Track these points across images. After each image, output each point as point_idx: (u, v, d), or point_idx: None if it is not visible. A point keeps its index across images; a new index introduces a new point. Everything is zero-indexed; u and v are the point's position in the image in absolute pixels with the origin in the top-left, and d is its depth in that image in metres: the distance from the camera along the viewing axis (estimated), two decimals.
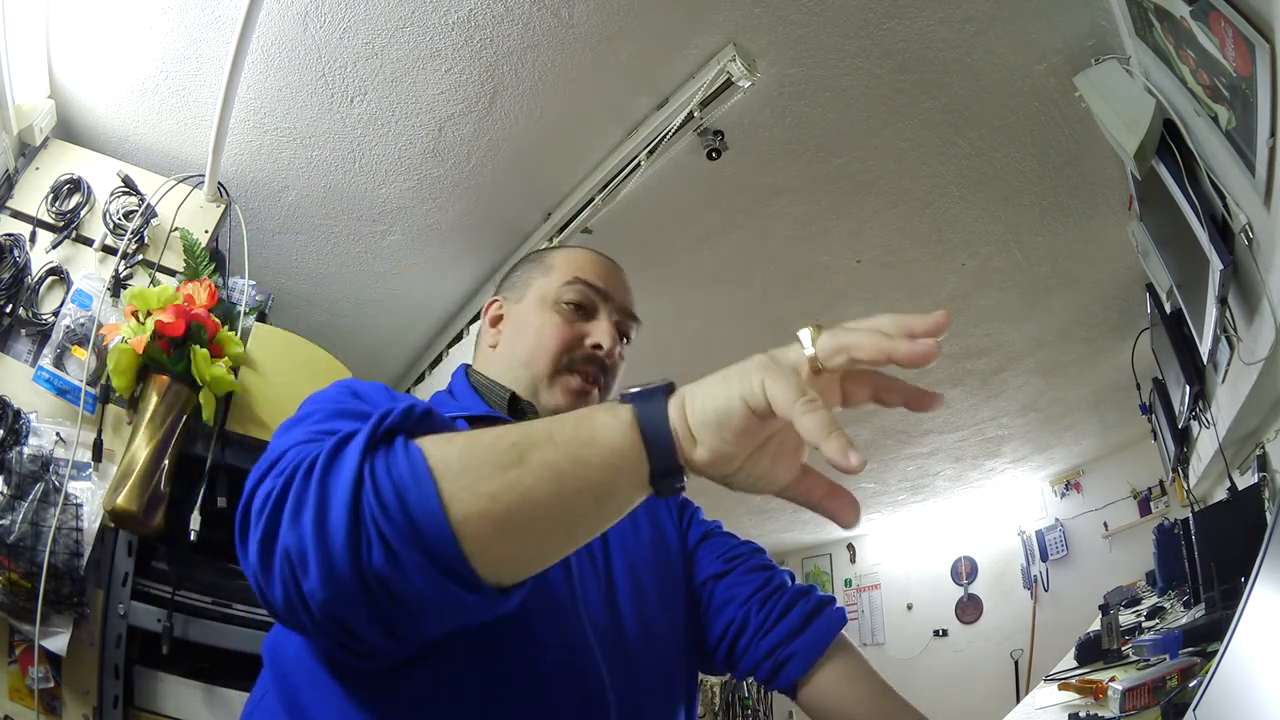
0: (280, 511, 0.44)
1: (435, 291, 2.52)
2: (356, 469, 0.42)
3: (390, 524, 0.41)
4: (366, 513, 0.41)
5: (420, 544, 0.41)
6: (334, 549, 0.41)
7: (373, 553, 0.41)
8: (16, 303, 1.54)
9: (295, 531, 0.42)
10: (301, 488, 0.44)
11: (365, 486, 0.42)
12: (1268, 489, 1.60)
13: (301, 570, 0.42)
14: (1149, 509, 3.72)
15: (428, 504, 0.41)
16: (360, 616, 0.43)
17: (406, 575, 0.41)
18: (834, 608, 0.75)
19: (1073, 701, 1.56)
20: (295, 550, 0.42)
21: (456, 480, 0.42)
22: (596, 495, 0.44)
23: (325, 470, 0.44)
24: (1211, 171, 1.32)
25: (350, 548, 0.41)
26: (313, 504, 0.42)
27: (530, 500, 0.42)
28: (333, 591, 0.41)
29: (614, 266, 0.88)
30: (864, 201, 2.18)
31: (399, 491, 0.41)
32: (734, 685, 5.43)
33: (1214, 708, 0.96)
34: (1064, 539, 4.24)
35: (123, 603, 1.45)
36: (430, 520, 0.41)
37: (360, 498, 0.42)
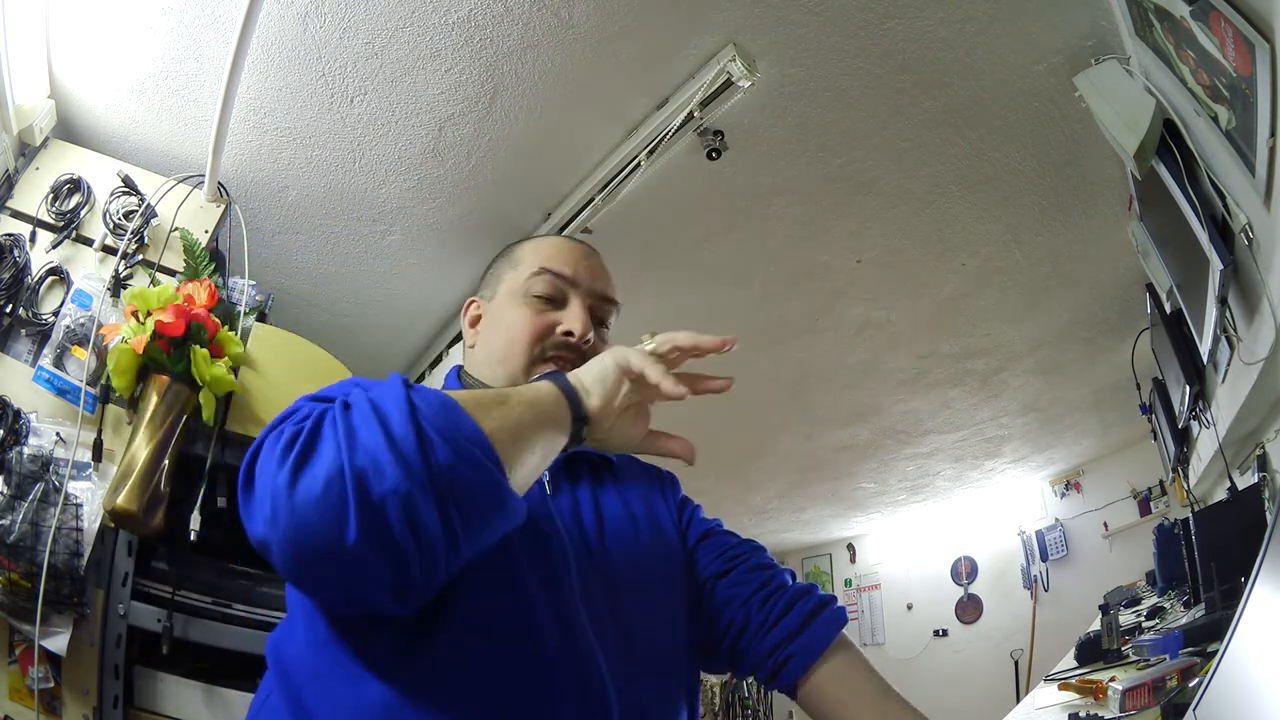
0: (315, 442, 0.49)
1: (435, 291, 2.52)
2: (405, 394, 0.52)
3: (447, 428, 0.51)
4: (425, 423, 0.50)
5: (471, 441, 0.52)
6: (408, 451, 0.49)
7: (438, 451, 0.49)
8: (16, 303, 1.54)
9: (359, 449, 0.48)
10: (345, 420, 0.50)
11: (419, 406, 0.51)
12: (1268, 489, 1.60)
13: (376, 477, 0.47)
14: (1149, 509, 3.72)
15: (464, 419, 0.53)
16: (433, 514, 0.49)
17: (465, 467, 0.50)
18: (834, 607, 0.75)
19: (1073, 701, 1.56)
20: (367, 462, 0.48)
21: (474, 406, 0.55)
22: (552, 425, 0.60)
23: (372, 402, 0.52)
24: (1211, 171, 1.32)
25: (421, 449, 0.49)
26: (374, 424, 0.49)
27: (521, 420, 0.57)
28: (413, 486, 0.48)
29: (585, 252, 0.86)
30: (864, 201, 2.18)
31: (444, 408, 0.53)
32: (734, 685, 5.44)
33: (1214, 708, 0.96)
34: (1064, 539, 4.24)
35: (123, 603, 1.45)
36: (470, 428, 0.53)
37: (416, 413, 0.51)
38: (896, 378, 3.24)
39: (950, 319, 2.79)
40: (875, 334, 2.88)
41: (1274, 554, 0.91)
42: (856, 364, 3.11)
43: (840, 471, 4.36)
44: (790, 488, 4.65)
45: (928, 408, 3.53)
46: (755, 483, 4.52)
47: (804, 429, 3.76)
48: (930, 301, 2.68)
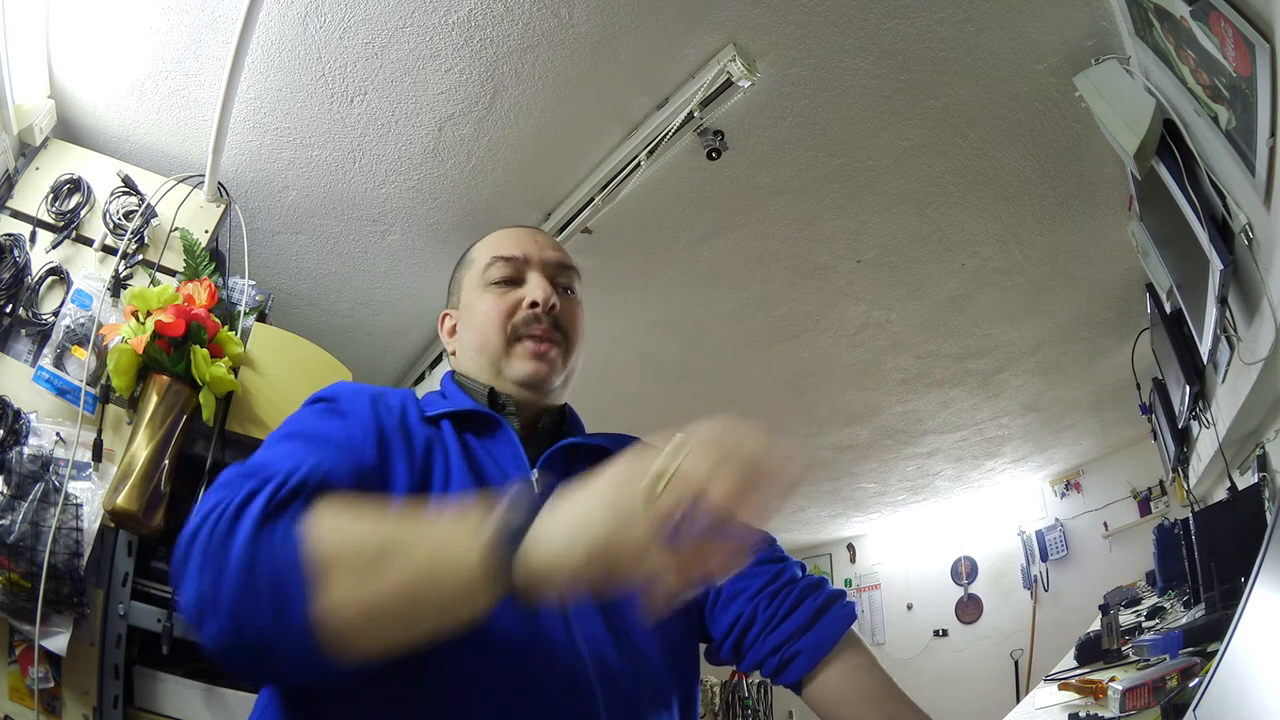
0: (188, 558, 0.51)
1: (436, 292, 2.52)
2: (249, 543, 0.50)
3: (263, 604, 0.48)
4: (248, 589, 0.48)
5: (286, 626, 0.48)
6: (221, 613, 0.49)
7: (247, 624, 0.49)
8: (16, 303, 1.54)
9: (197, 586, 0.50)
10: (206, 543, 0.51)
11: (252, 565, 0.49)
12: (1268, 489, 1.60)
13: (199, 621, 0.50)
14: (1149, 509, 3.72)
15: (295, 592, 0.48)
16: (245, 665, 0.52)
17: (275, 642, 0.49)
18: (843, 603, 0.75)
19: (1073, 701, 1.56)
20: (195, 603, 0.50)
21: (328, 564, 0.49)
22: (444, 604, 0.50)
23: (226, 535, 0.50)
24: (1211, 171, 1.32)
25: (233, 616, 0.49)
26: (213, 567, 0.50)
27: (383, 597, 0.48)
28: (217, 645, 0.50)
29: (530, 231, 0.89)
30: (864, 201, 2.18)
31: (277, 574, 0.48)
32: (734, 685, 5.44)
33: (1214, 708, 0.96)
34: (1064, 539, 4.24)
35: (123, 603, 1.45)
36: (294, 612, 0.48)
37: (247, 573, 0.49)
38: (896, 378, 3.24)
39: (950, 319, 2.79)
40: (875, 334, 2.88)
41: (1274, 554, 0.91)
42: (856, 364, 3.11)
43: (840, 471, 4.36)
44: None
45: (928, 408, 3.53)
46: None
47: (804, 429, 3.76)
48: (930, 301, 2.68)
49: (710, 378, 3.20)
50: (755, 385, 3.27)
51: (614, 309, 2.60)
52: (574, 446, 0.80)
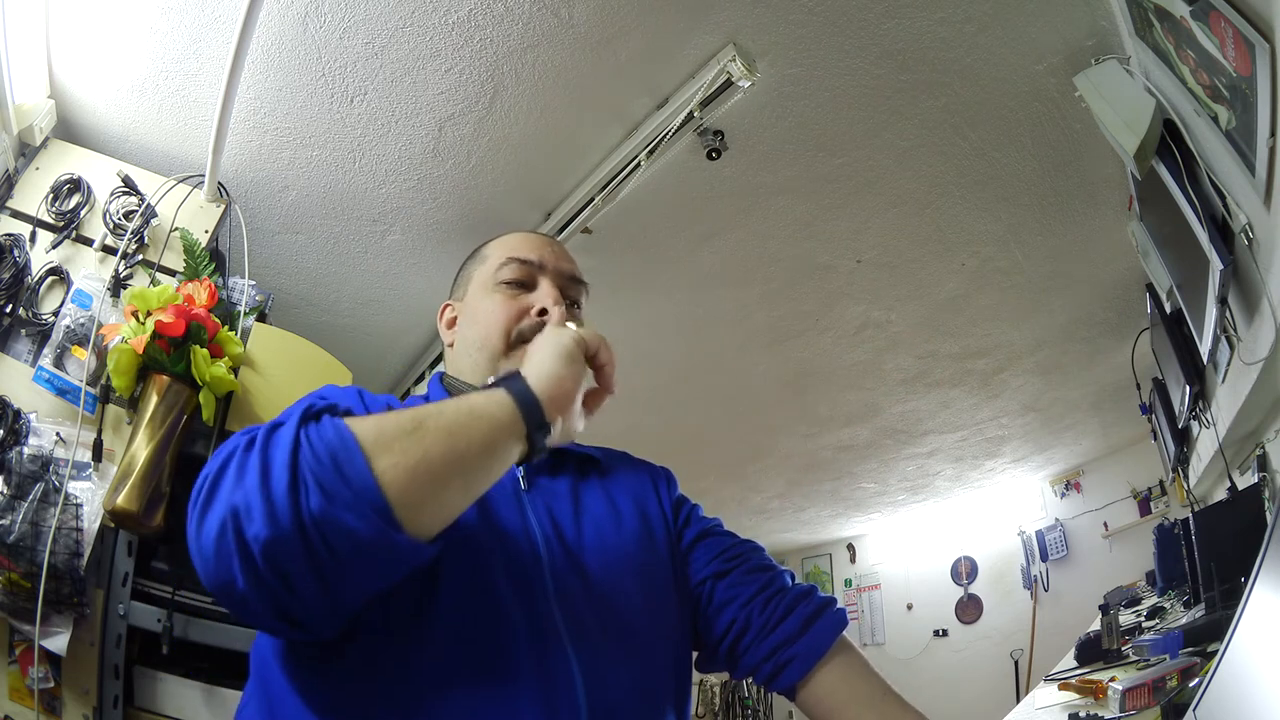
0: (218, 483, 0.51)
1: (435, 291, 2.52)
2: (294, 435, 0.51)
3: (324, 473, 0.49)
4: (304, 466, 0.49)
5: (350, 487, 0.49)
6: (276, 496, 0.48)
7: (310, 497, 0.48)
8: (16, 303, 1.54)
9: (240, 489, 0.49)
10: (242, 458, 0.51)
11: (302, 448, 0.50)
12: (1268, 489, 1.60)
13: (246, 519, 0.48)
14: (1149, 509, 3.72)
15: (354, 457, 0.50)
16: (299, 560, 0.48)
17: (340, 514, 0.48)
18: (834, 610, 0.75)
19: (1073, 701, 1.56)
20: (242, 505, 0.48)
21: (374, 441, 0.51)
22: (483, 450, 0.56)
23: (266, 441, 0.52)
24: (1211, 171, 1.33)
25: (291, 494, 0.48)
26: (256, 466, 0.50)
27: (430, 454, 0.52)
28: (275, 532, 0.47)
29: (547, 239, 0.89)
30: (864, 201, 2.18)
31: (330, 449, 0.50)
32: (734, 685, 5.44)
33: (1214, 708, 0.96)
34: (1064, 539, 4.24)
35: (123, 603, 1.45)
36: (356, 469, 0.50)
37: (298, 456, 0.50)
38: (896, 378, 3.24)
39: (950, 319, 2.79)
40: (875, 334, 2.89)
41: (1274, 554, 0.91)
42: (856, 364, 3.11)
43: (840, 471, 4.36)
44: (790, 488, 4.65)
45: (928, 408, 3.53)
46: (755, 483, 4.52)
47: (804, 429, 3.76)
48: (930, 301, 2.68)
49: (710, 378, 3.21)
50: (755, 385, 3.27)
51: (614, 309, 2.60)
52: (560, 452, 0.80)
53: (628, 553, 0.74)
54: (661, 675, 0.71)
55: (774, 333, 2.86)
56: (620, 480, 0.83)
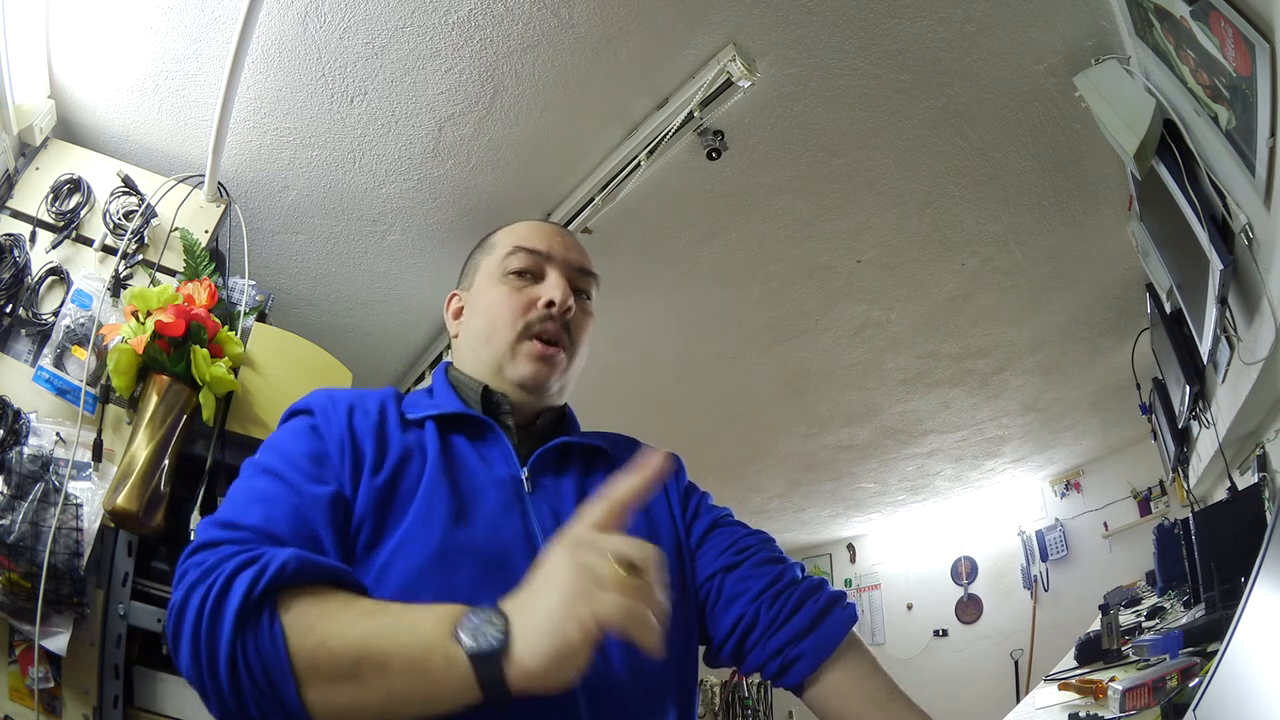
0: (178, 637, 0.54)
1: (435, 291, 2.52)
2: (231, 640, 0.52)
3: (259, 691, 0.52)
4: (243, 678, 0.52)
5: (281, 707, 0.52)
6: (224, 698, 0.53)
7: (249, 707, 0.52)
8: (16, 303, 1.54)
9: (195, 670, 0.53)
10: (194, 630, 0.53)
11: (238, 662, 0.52)
12: (1268, 489, 1.60)
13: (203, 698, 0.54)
14: (1149, 509, 3.72)
15: (285, 683, 0.52)
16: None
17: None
18: (844, 606, 0.74)
19: (1073, 701, 1.56)
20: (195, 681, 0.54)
21: (307, 670, 0.52)
22: (424, 709, 0.52)
23: (211, 629, 0.53)
24: (1211, 171, 1.32)
25: (235, 698, 0.52)
26: (204, 656, 0.53)
27: (359, 706, 0.52)
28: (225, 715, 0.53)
29: (556, 228, 0.87)
30: (864, 201, 2.18)
31: (266, 668, 0.52)
32: (734, 685, 5.44)
33: (1214, 708, 0.96)
34: (1064, 539, 4.24)
35: (123, 603, 1.45)
36: (287, 695, 0.52)
37: (236, 668, 0.52)
38: (896, 378, 3.24)
39: (950, 319, 2.79)
40: (875, 334, 2.89)
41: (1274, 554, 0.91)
42: (856, 364, 3.11)
43: (840, 471, 4.36)
44: (790, 488, 4.65)
45: (928, 408, 3.53)
46: (755, 483, 4.52)
47: (804, 429, 3.76)
48: (930, 301, 2.68)
49: (710, 378, 3.20)
50: (755, 385, 3.27)
51: (614, 309, 2.60)
52: (567, 445, 0.79)
53: None
54: (664, 675, 0.71)
55: (774, 333, 2.86)
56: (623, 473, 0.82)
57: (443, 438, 0.74)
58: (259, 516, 0.60)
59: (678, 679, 0.73)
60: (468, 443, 0.75)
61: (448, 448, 0.73)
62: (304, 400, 0.74)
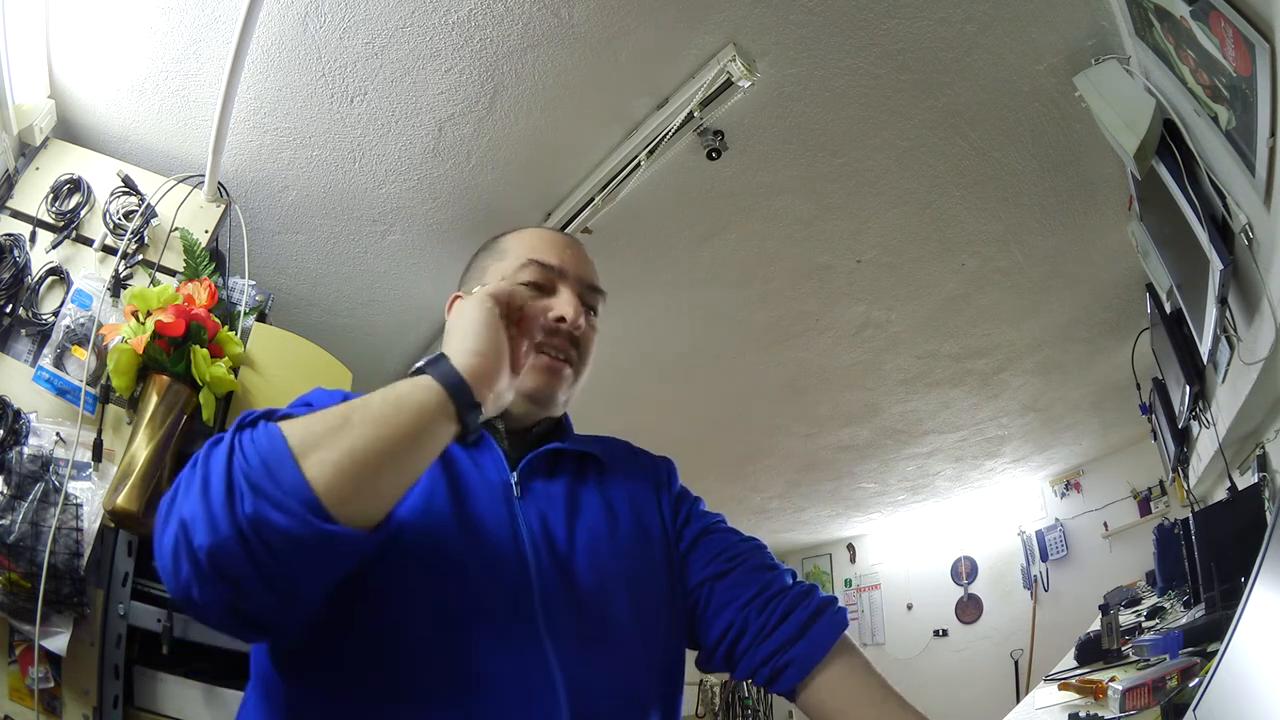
0: (173, 500, 0.54)
1: (435, 291, 2.52)
2: (229, 445, 0.54)
3: (256, 476, 0.51)
4: (238, 472, 0.52)
5: (280, 488, 0.51)
6: (214, 504, 0.51)
7: (244, 502, 0.50)
8: (16, 303, 1.53)
9: (186, 502, 0.52)
10: (189, 475, 0.54)
11: (235, 455, 0.53)
12: (1268, 489, 1.60)
13: (193, 530, 0.51)
14: (1149, 509, 3.72)
15: (282, 458, 0.52)
16: (241, 563, 0.50)
17: (273, 515, 0.50)
18: (834, 611, 0.74)
19: (1073, 701, 1.56)
20: (188, 515, 0.51)
21: (301, 440, 0.53)
22: (411, 438, 0.56)
23: (206, 455, 0.55)
24: (1211, 171, 1.33)
25: (227, 501, 0.50)
26: (197, 479, 0.53)
27: (356, 447, 0.53)
28: (215, 539, 0.50)
29: (569, 241, 0.85)
30: (864, 201, 2.18)
31: (261, 453, 0.53)
32: (734, 685, 5.44)
33: (1214, 708, 0.96)
34: (1064, 539, 4.24)
35: (123, 603, 1.45)
36: (286, 469, 0.52)
37: (231, 463, 0.52)
38: (896, 378, 3.24)
39: (950, 319, 2.79)
40: (875, 334, 2.89)
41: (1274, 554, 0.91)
42: (856, 364, 3.11)
43: (840, 471, 4.36)
44: (790, 488, 4.65)
45: (928, 408, 3.53)
46: (755, 483, 4.52)
47: (804, 429, 3.76)
48: (930, 301, 2.68)
49: (710, 378, 3.21)
50: (755, 385, 3.27)
51: (614, 309, 2.56)
52: (558, 451, 0.79)
53: (621, 560, 0.74)
54: (648, 679, 0.71)
55: (774, 333, 2.86)
56: (619, 480, 0.82)
57: None
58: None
59: (662, 683, 0.73)
60: (460, 448, 0.75)
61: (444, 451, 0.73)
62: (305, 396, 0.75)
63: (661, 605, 0.75)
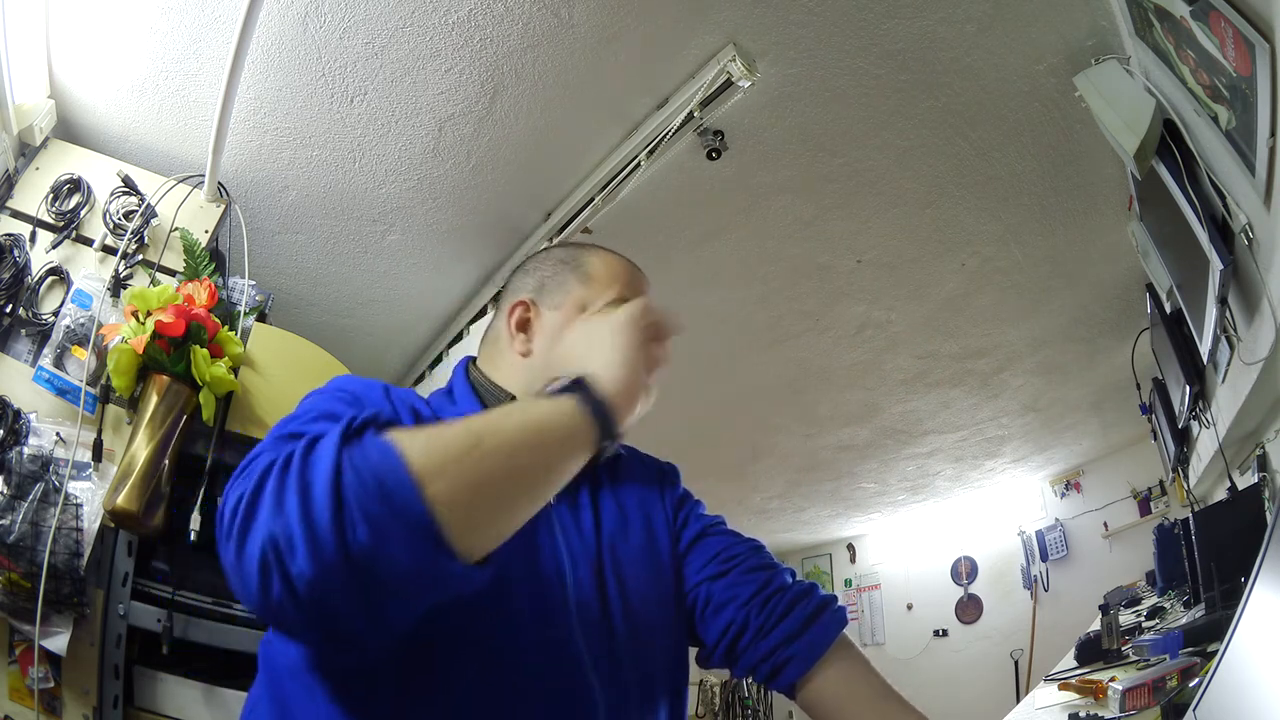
0: (255, 507, 0.47)
1: (435, 291, 2.52)
2: (335, 458, 0.46)
3: (371, 503, 0.45)
4: (349, 494, 0.45)
5: (399, 518, 0.45)
6: (320, 529, 0.44)
7: (357, 530, 0.44)
8: (16, 303, 1.54)
9: (280, 519, 0.45)
10: (279, 481, 0.47)
11: (345, 473, 0.46)
12: (1268, 489, 1.60)
13: (289, 554, 0.44)
14: (1149, 509, 3.72)
15: (402, 483, 0.45)
16: (345, 597, 0.45)
17: (389, 547, 0.44)
18: (834, 608, 0.75)
19: (1073, 701, 1.56)
20: (282, 536, 0.44)
21: (424, 464, 0.46)
22: (549, 467, 0.54)
23: (304, 463, 0.47)
24: (1211, 171, 1.32)
25: (336, 527, 0.44)
26: (295, 491, 0.45)
27: (489, 477, 0.49)
28: (320, 570, 0.43)
29: (643, 275, 0.85)
30: (864, 201, 2.18)
31: (377, 475, 0.45)
32: (734, 685, 5.44)
33: (1214, 708, 0.96)
34: (1064, 539, 4.24)
35: (123, 603, 1.45)
36: (406, 497, 0.45)
37: (341, 482, 0.45)
38: (896, 378, 3.24)
39: (950, 319, 2.79)
40: (875, 334, 2.89)
41: (1274, 554, 0.91)
42: (856, 364, 3.11)
43: (840, 471, 4.36)
44: (790, 488, 4.65)
45: (928, 408, 3.53)
46: (755, 483, 4.52)
47: (804, 429, 3.76)
48: (930, 301, 2.68)
49: (710, 378, 3.20)
50: (755, 385, 3.27)
51: None
52: None
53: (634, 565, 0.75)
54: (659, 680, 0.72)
55: (774, 333, 2.86)
56: (629, 484, 0.83)
57: None
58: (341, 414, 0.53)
59: (670, 683, 0.74)
60: None
61: None
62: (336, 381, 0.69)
63: (668, 607, 0.76)
